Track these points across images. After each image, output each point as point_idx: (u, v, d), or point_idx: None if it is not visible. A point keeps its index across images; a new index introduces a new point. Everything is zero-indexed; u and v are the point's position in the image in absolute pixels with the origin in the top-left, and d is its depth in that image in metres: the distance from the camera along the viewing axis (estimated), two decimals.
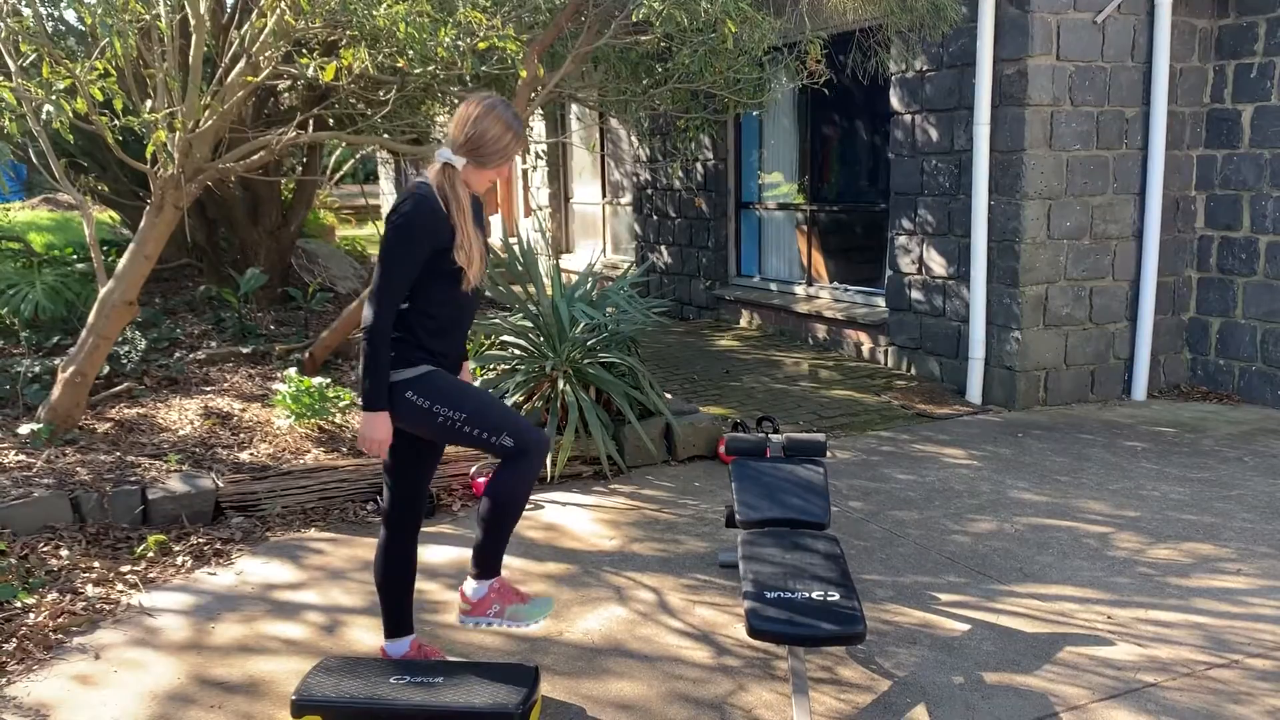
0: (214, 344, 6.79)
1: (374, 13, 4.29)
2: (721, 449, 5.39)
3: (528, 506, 4.87)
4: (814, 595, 3.10)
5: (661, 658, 3.41)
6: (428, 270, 2.91)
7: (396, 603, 3.23)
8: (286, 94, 8.21)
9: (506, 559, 4.20)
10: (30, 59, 4.75)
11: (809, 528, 3.64)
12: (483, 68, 5.66)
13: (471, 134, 2.92)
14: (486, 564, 3.07)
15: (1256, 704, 3.07)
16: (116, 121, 4.69)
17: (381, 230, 3.04)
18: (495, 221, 15.45)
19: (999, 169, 6.55)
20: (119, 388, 5.71)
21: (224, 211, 8.07)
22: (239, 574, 4.10)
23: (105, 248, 8.78)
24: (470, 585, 3.09)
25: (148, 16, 4.48)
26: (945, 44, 6.83)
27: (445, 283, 2.95)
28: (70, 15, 7.44)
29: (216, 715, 3.06)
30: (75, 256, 8.71)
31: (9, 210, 12.10)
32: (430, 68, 4.89)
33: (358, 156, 7.22)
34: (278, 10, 4.42)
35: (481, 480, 4.96)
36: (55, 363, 5.47)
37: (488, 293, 7.06)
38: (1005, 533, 4.50)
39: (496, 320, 5.84)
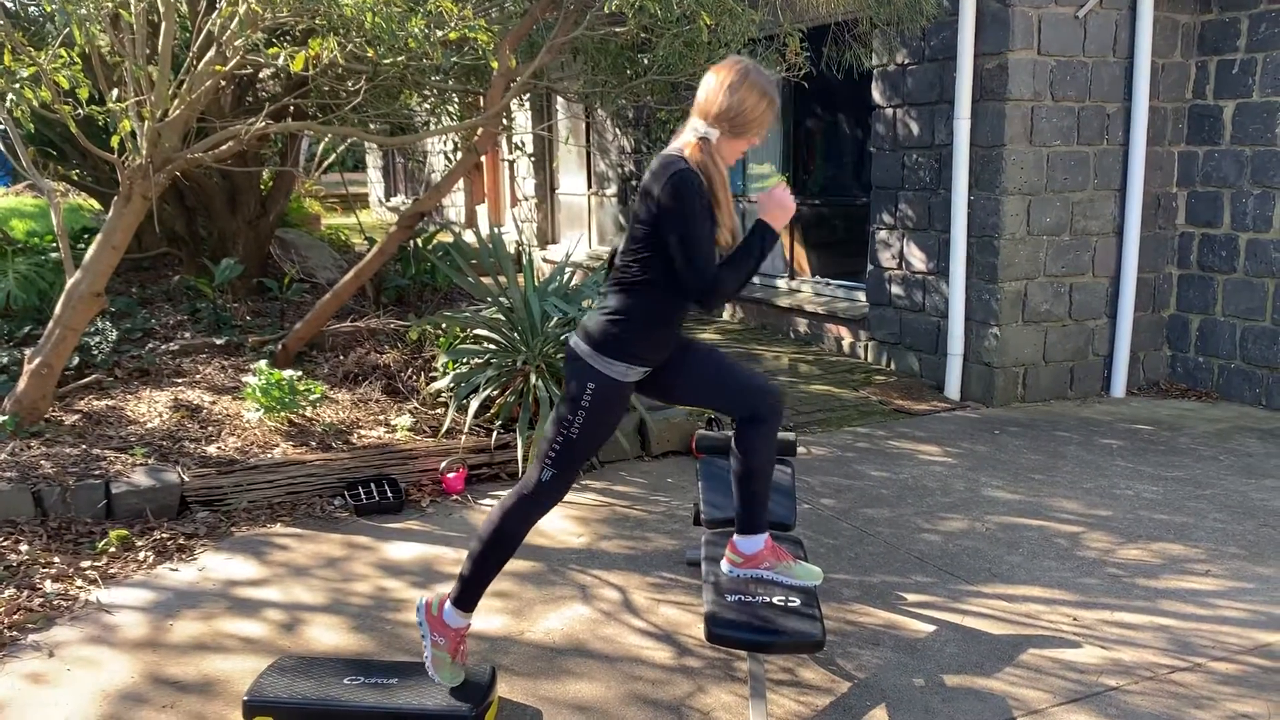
0: (188, 335, 6.73)
1: (341, 2, 4.23)
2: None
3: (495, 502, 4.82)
4: (774, 600, 3.07)
5: (622, 658, 3.38)
6: None
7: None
8: (271, 81, 8.13)
9: None
10: None
11: (774, 528, 3.60)
12: (454, 59, 5.60)
13: (727, 104, 2.79)
14: (464, 594, 2.99)
15: (1218, 708, 3.05)
16: (81, 111, 4.62)
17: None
18: (481, 211, 15.39)
19: (979, 164, 6.51)
20: (88, 379, 5.65)
21: (202, 201, 7.99)
22: (201, 570, 4.06)
23: (87, 236, 8.70)
24: (449, 607, 3.00)
25: (111, 4, 4.41)
26: (926, 38, 6.79)
27: None
28: None
29: (168, 715, 3.02)
30: (53, 245, 8.63)
31: None
32: (401, 58, 4.83)
33: (345, 145, 7.14)
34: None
35: (451, 475, 4.92)
36: (25, 353, 5.41)
37: (456, 283, 7.00)
38: (976, 532, 4.48)
39: (467, 314, 5.79)
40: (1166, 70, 6.71)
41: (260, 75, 7.59)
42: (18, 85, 4.35)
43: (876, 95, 7.30)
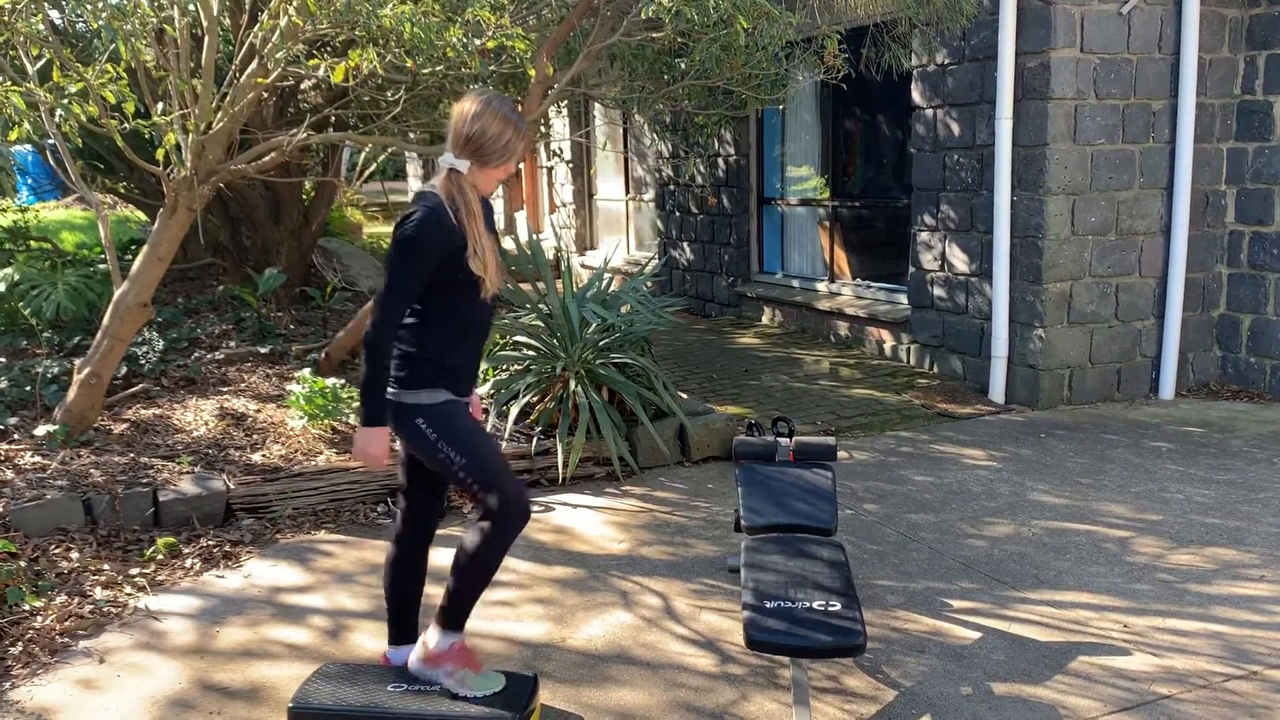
0: (233, 344, 6.82)
1: (380, 13, 4.27)
2: None
3: (538, 508, 4.84)
4: (814, 605, 3.05)
5: (665, 665, 3.37)
6: (443, 281, 2.81)
7: (405, 613, 3.19)
8: (312, 92, 8.24)
9: (514, 562, 4.19)
10: (43, 62, 4.77)
11: (815, 533, 3.58)
12: (492, 68, 5.62)
13: (471, 134, 2.81)
14: (451, 618, 2.98)
15: (1273, 717, 2.98)
16: (126, 125, 4.70)
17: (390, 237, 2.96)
18: (520, 219, 15.46)
19: (1022, 164, 6.43)
20: (135, 388, 5.74)
21: (246, 211, 8.11)
22: (247, 577, 4.10)
23: (134, 247, 8.87)
24: (433, 635, 3.00)
25: (156, 19, 4.48)
26: (967, 37, 6.72)
27: (462, 293, 2.86)
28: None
29: None
30: (102, 256, 8.79)
31: (39, 210, 12.27)
32: (440, 68, 4.86)
33: (385, 154, 7.20)
34: (285, 13, 4.41)
35: None
36: (74, 363, 5.51)
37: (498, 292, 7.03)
38: (1022, 537, 4.41)
39: (506, 320, 5.81)
40: (1214, 66, 6.59)
41: (301, 87, 7.69)
42: (66, 101, 4.44)
43: (916, 96, 7.24)
